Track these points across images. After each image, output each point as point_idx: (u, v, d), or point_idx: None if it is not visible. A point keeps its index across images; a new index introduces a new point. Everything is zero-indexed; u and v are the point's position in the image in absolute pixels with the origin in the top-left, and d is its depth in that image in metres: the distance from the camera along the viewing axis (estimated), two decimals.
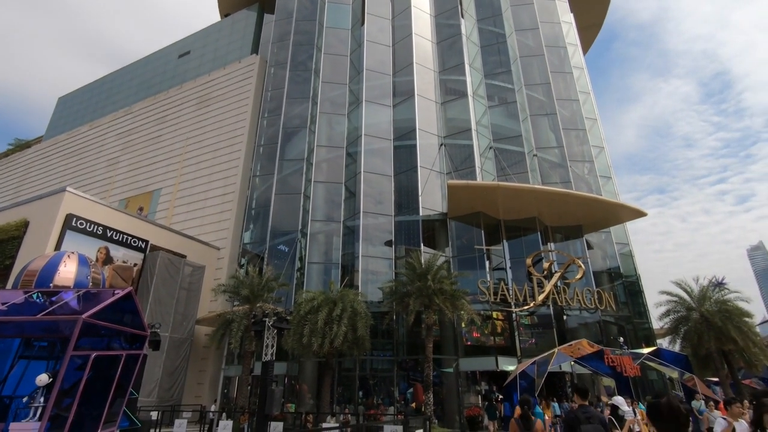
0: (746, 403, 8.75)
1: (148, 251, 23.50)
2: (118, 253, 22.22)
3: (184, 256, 25.42)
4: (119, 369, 6.83)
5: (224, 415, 18.73)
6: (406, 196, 25.23)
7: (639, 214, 25.08)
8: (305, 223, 25.76)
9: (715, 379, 21.81)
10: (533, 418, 6.99)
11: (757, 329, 20.93)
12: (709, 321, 19.47)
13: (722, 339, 19.03)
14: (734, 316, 19.43)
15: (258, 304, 19.73)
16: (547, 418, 14.39)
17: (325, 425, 14.33)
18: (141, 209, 34.54)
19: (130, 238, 22.72)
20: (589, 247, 25.51)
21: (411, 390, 21.09)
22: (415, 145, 25.83)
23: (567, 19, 34.28)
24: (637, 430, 10.06)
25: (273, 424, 13.68)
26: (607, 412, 10.83)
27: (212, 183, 31.96)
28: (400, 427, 10.19)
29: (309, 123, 29.10)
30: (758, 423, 3.63)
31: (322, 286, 22.14)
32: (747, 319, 19.71)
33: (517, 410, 7.86)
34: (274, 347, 13.96)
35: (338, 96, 29.81)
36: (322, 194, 27.11)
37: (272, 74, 33.35)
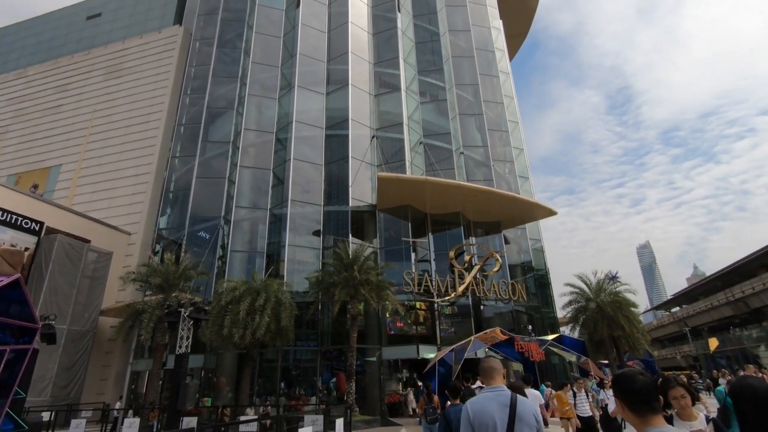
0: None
1: (43, 234, 20.92)
2: (5, 236, 19.51)
3: (88, 241, 23.00)
4: (1, 366, 6.04)
5: (131, 412, 17.41)
6: (336, 186, 25.05)
7: (551, 212, 27.33)
8: (229, 209, 24.55)
9: (606, 362, 24.59)
10: (434, 394, 9.80)
11: (641, 318, 23.94)
12: (603, 310, 21.84)
13: (613, 326, 21.48)
14: (623, 306, 22.00)
15: (173, 294, 18.52)
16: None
17: (243, 418, 13.90)
18: (35, 187, 30.60)
19: (20, 218, 20.03)
20: (507, 242, 27.32)
21: (334, 379, 21.18)
22: (347, 135, 25.67)
23: (496, 25, 35.99)
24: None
25: (186, 419, 12.99)
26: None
27: (124, 162, 29.19)
28: (320, 417, 10.18)
29: (236, 105, 27.63)
30: (664, 400, 3.94)
31: (245, 276, 21.30)
32: (633, 308, 22.43)
33: (435, 399, 9.77)
34: (190, 339, 13.22)
35: (269, 78, 28.62)
36: (248, 180, 25.98)
37: (197, 49, 31.10)
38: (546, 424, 10.00)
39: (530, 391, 7.43)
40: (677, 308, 67.34)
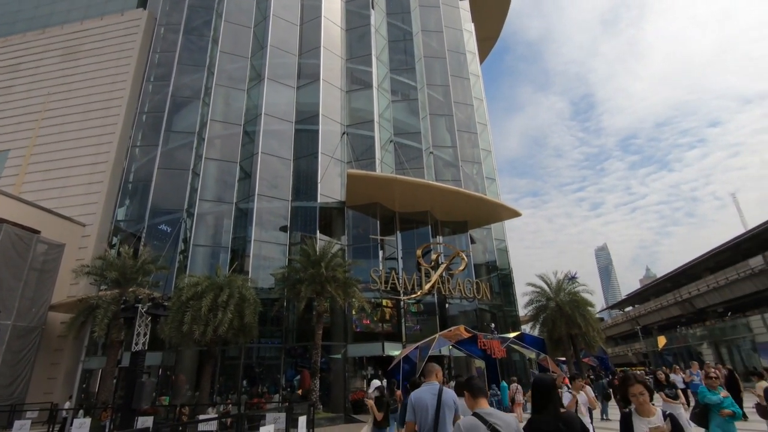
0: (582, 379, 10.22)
1: None
2: None
3: (37, 232, 21.69)
4: None
5: (81, 412, 16.59)
6: (305, 181, 24.73)
7: (515, 213, 28.06)
8: (192, 202, 23.77)
9: (563, 359, 25.57)
10: (397, 390, 11.65)
11: (597, 317, 25.04)
12: (562, 309, 22.70)
13: (571, 325, 22.37)
14: (581, 305, 22.96)
15: (131, 289, 17.78)
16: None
17: (202, 417, 13.53)
18: None
19: None
20: (472, 241, 27.85)
21: (298, 377, 20.96)
22: (317, 131, 25.38)
23: (468, 28, 36.53)
24: None
25: (142, 418, 12.50)
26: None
27: (80, 149, 27.67)
28: (283, 415, 10.05)
29: (203, 95, 26.74)
30: (624, 397, 3.86)
31: (208, 271, 20.73)
32: (590, 308, 23.45)
33: (398, 393, 10.01)
34: (147, 336, 12.73)
35: (238, 69, 27.87)
36: (213, 172, 25.23)
37: (162, 35, 29.88)
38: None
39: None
40: (630, 308, 70.61)
